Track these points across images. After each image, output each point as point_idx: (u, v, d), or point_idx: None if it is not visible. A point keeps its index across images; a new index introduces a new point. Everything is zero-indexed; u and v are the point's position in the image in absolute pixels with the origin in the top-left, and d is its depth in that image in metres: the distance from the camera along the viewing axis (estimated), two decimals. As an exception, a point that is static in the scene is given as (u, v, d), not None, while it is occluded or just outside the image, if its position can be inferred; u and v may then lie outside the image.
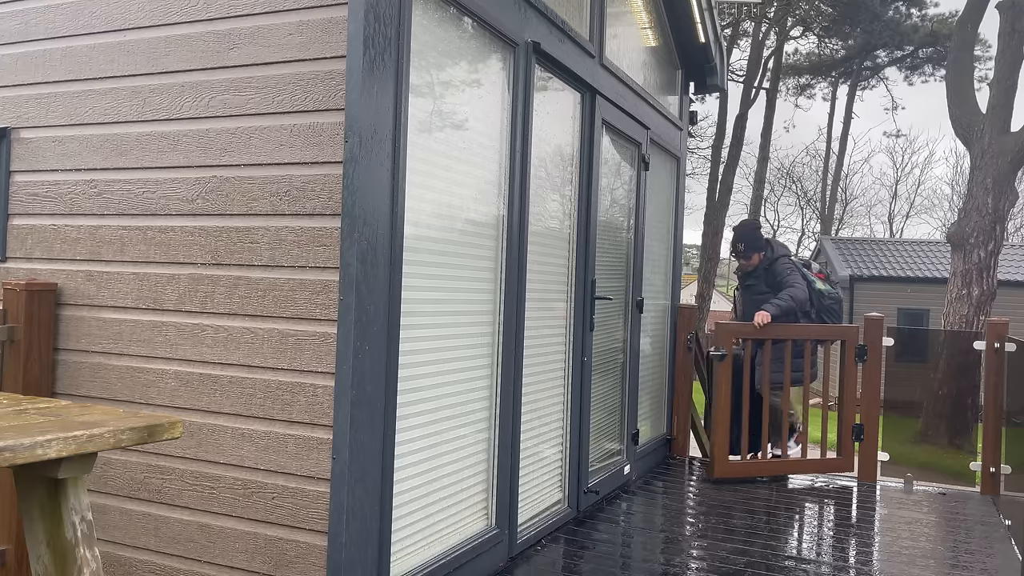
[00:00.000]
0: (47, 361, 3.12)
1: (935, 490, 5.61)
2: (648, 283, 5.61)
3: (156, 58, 3.00)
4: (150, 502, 2.97)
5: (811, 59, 27.51)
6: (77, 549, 1.77)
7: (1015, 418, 5.11)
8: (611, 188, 4.94)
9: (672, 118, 6.02)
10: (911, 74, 26.66)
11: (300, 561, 2.70)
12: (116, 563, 3.00)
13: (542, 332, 4.07)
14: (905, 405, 8.56)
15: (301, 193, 2.72)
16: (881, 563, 4.01)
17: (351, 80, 2.60)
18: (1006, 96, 11.57)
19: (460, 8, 3.21)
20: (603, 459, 4.93)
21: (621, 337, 5.19)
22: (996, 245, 11.47)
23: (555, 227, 4.22)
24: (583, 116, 4.44)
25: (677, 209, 6.33)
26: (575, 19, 4.30)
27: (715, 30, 6.16)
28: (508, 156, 3.62)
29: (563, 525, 4.30)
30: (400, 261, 2.81)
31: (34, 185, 3.24)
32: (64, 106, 3.18)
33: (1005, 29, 11.67)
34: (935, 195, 61.53)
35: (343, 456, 2.60)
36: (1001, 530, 4.64)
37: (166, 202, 2.97)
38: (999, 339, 5.44)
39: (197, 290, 2.90)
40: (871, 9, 22.36)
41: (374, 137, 2.65)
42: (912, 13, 23.59)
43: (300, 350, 2.72)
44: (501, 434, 3.61)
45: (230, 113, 2.85)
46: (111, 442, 1.74)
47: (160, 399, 2.96)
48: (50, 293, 3.13)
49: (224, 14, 2.87)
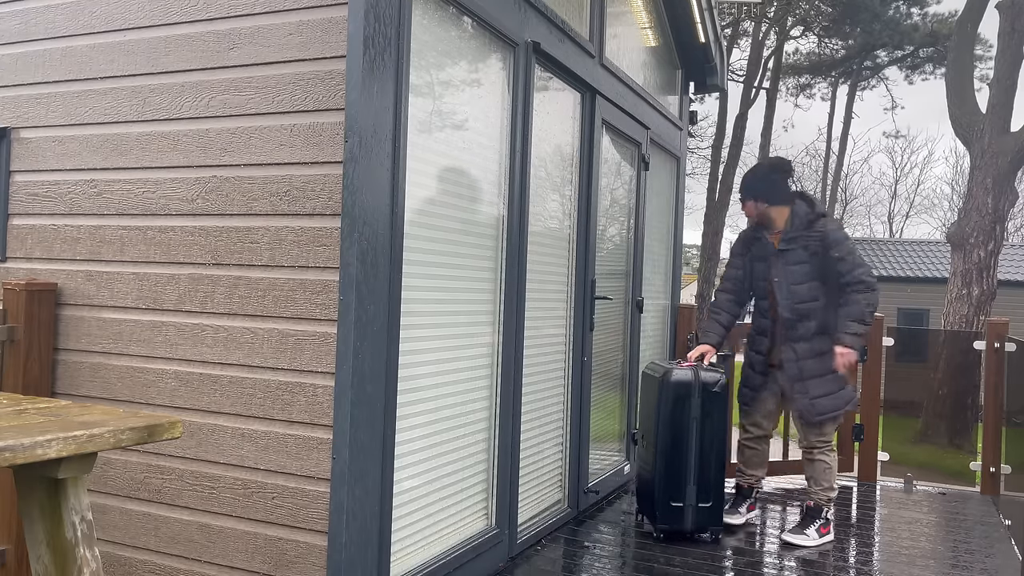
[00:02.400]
0: (47, 361, 3.12)
1: (935, 490, 5.61)
2: (648, 283, 5.61)
3: (156, 58, 3.00)
4: (150, 502, 2.97)
5: (811, 59, 27.49)
6: (77, 549, 1.77)
7: (1015, 418, 5.11)
8: (611, 188, 4.94)
9: (672, 118, 6.02)
10: (911, 74, 26.65)
11: (300, 561, 2.70)
12: (116, 563, 3.00)
13: (542, 332, 4.07)
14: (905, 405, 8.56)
15: (301, 193, 2.72)
16: (881, 563, 4.01)
17: (351, 80, 2.60)
18: (1006, 96, 11.57)
19: (460, 8, 3.21)
20: (603, 459, 4.93)
21: (621, 337, 5.19)
22: (996, 245, 11.47)
23: (555, 227, 4.22)
24: (583, 116, 4.44)
25: (677, 209, 6.33)
26: (575, 19, 4.30)
27: (715, 30, 6.16)
28: (508, 156, 3.62)
29: (563, 525, 4.30)
30: (400, 261, 2.81)
31: (34, 185, 3.24)
32: (64, 106, 3.18)
33: (1005, 29, 11.66)
34: (935, 195, 61.58)
35: (343, 456, 2.60)
36: (1001, 530, 4.64)
37: (166, 202, 2.97)
38: (999, 339, 5.44)
39: (197, 290, 2.90)
40: (871, 9, 22.35)
41: (374, 137, 2.65)
42: (912, 12, 23.58)
43: (300, 350, 2.72)
44: (501, 434, 3.61)
45: (230, 113, 2.85)
46: (111, 442, 1.74)
47: (160, 399, 2.96)
48: (50, 293, 3.13)
49: (224, 14, 2.87)
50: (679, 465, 4.09)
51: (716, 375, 4.13)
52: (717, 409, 4.11)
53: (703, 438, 4.08)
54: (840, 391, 4.16)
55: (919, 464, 6.27)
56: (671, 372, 4.13)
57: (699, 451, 4.07)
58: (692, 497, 4.08)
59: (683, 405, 4.09)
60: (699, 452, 4.07)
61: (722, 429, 4.15)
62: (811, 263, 4.13)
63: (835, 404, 4.16)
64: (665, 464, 4.10)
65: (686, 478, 4.08)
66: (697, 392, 4.09)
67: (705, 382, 4.10)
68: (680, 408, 4.09)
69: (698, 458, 4.07)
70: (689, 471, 4.08)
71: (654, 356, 5.89)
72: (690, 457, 4.08)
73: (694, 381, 4.10)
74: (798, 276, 4.16)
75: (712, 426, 4.09)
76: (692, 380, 4.10)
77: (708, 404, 4.08)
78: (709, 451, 4.09)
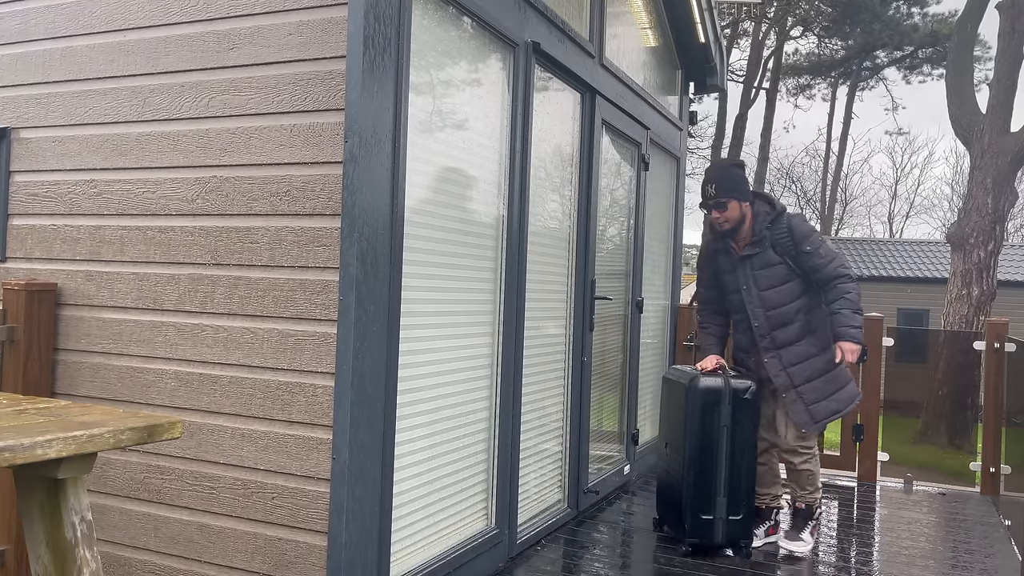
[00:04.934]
0: (47, 361, 3.12)
1: (935, 490, 5.61)
2: (648, 283, 5.61)
3: (156, 58, 3.00)
4: (150, 502, 2.97)
5: (811, 59, 27.48)
6: (77, 549, 1.77)
7: (1015, 418, 5.11)
8: (611, 188, 4.94)
9: (672, 118, 6.02)
10: (911, 74, 26.64)
11: (300, 561, 2.70)
12: (116, 563, 3.00)
13: (542, 332, 4.07)
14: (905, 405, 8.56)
15: (301, 193, 2.72)
16: (881, 563, 4.01)
17: (351, 80, 2.60)
18: (1006, 96, 11.57)
19: (460, 8, 3.21)
20: (603, 459, 4.93)
21: (621, 337, 5.19)
22: (996, 245, 11.47)
23: (555, 227, 4.22)
24: (583, 116, 4.44)
25: (677, 209, 6.34)
26: (575, 19, 4.30)
27: (715, 30, 6.16)
28: (508, 156, 3.62)
29: (563, 525, 4.29)
30: (400, 261, 2.81)
31: (34, 185, 3.24)
32: (64, 106, 3.18)
33: (1005, 29, 11.67)
34: (935, 195, 61.55)
35: (343, 456, 2.60)
36: (1001, 530, 4.64)
37: (166, 202, 2.97)
38: (999, 339, 5.44)
39: (197, 290, 2.90)
40: (871, 9, 22.34)
41: (374, 137, 2.65)
42: (912, 12, 23.57)
43: (300, 350, 2.72)
44: (501, 434, 3.61)
45: (230, 113, 2.85)
46: (111, 442, 1.74)
47: (160, 399, 2.96)
48: (50, 293, 3.12)
49: (224, 14, 2.87)
50: (709, 476, 3.92)
51: (746, 382, 3.95)
52: (747, 417, 3.93)
53: (734, 448, 3.91)
54: (838, 391, 3.95)
55: (919, 464, 6.27)
56: (699, 378, 3.96)
57: (730, 461, 3.91)
58: (723, 510, 3.91)
59: (713, 413, 3.91)
60: (730, 462, 3.91)
61: (752, 437, 3.98)
62: (784, 264, 3.91)
63: (836, 406, 3.95)
64: (695, 475, 3.94)
65: (716, 489, 3.91)
66: (728, 399, 3.90)
67: (736, 389, 3.92)
68: (710, 416, 3.91)
69: (728, 469, 3.91)
70: (719, 482, 3.91)
71: (654, 356, 5.90)
72: (720, 468, 3.91)
73: (724, 388, 3.92)
74: (770, 280, 3.93)
75: (743, 435, 3.92)
76: (722, 387, 3.92)
77: (738, 412, 3.90)
78: (740, 461, 3.92)
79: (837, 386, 3.95)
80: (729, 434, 3.90)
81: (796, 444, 4.00)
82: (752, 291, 3.97)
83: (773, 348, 3.95)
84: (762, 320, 3.96)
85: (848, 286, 3.84)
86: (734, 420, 3.91)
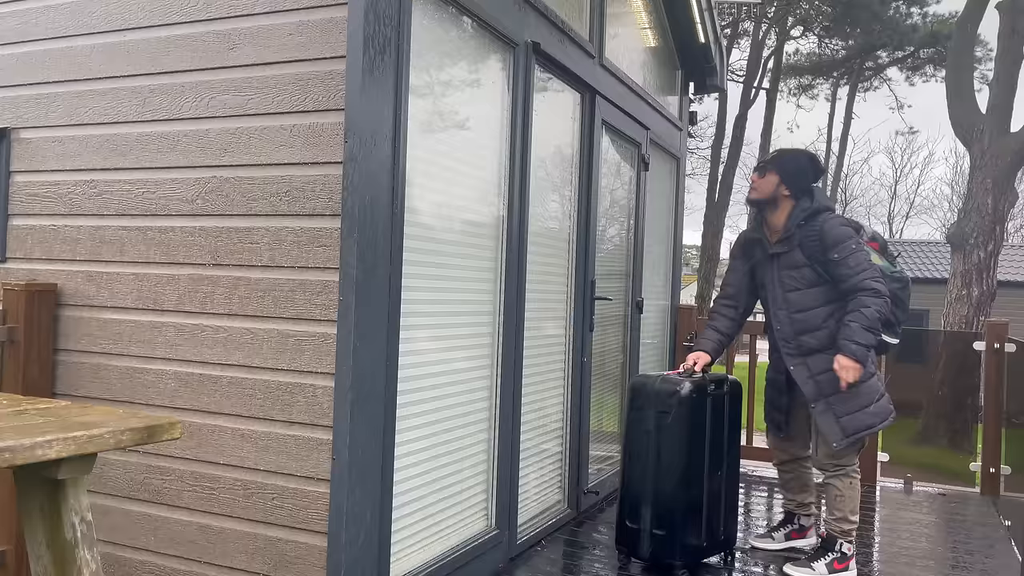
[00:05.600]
0: (47, 362, 3.12)
1: (935, 491, 5.61)
2: (648, 283, 5.61)
3: (156, 58, 3.00)
4: (150, 503, 2.97)
5: (811, 59, 27.48)
6: (77, 550, 1.77)
7: (1015, 418, 5.11)
8: (611, 188, 4.94)
9: (672, 118, 6.02)
10: (911, 74, 26.64)
11: (300, 562, 2.70)
12: (116, 563, 3.00)
13: (542, 332, 4.07)
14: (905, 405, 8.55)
15: (301, 193, 2.72)
16: (881, 564, 4.01)
17: (351, 80, 2.60)
18: (1006, 96, 11.56)
19: (460, 8, 3.21)
20: (603, 459, 4.93)
21: (621, 338, 5.19)
22: (996, 245, 11.46)
23: (555, 227, 4.22)
24: (583, 116, 4.44)
25: (677, 209, 6.33)
26: (575, 19, 4.30)
27: (715, 30, 6.16)
28: (508, 156, 3.62)
29: (563, 526, 4.30)
30: (400, 261, 2.81)
31: (34, 185, 3.24)
32: (64, 106, 3.18)
33: (1005, 29, 11.66)
34: (935, 195, 61.60)
35: (343, 456, 2.60)
36: (1001, 531, 4.64)
37: (166, 202, 2.97)
38: (999, 339, 5.45)
39: (197, 290, 2.90)
40: (871, 9, 22.34)
41: (374, 137, 2.65)
42: (912, 13, 23.57)
43: (300, 350, 2.72)
44: (501, 434, 3.61)
45: (230, 113, 2.85)
46: (111, 443, 1.74)
47: (160, 400, 2.96)
48: (50, 294, 3.12)
49: (224, 14, 2.87)
50: (635, 483, 3.62)
51: (672, 385, 3.54)
52: (678, 422, 3.50)
53: (660, 455, 3.53)
54: (870, 405, 3.58)
55: (919, 465, 6.26)
56: (635, 378, 3.74)
57: (655, 470, 3.54)
58: (647, 522, 3.57)
59: (640, 417, 3.59)
60: (655, 471, 3.54)
61: (684, 445, 3.52)
62: (811, 267, 3.64)
63: (869, 420, 3.59)
64: (622, 482, 3.70)
65: (643, 499, 3.59)
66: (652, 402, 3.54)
67: (658, 392, 3.54)
68: (638, 420, 3.61)
69: (654, 478, 3.55)
70: (646, 491, 3.57)
71: (654, 357, 5.90)
72: (646, 476, 3.56)
73: (647, 388, 3.58)
74: (795, 282, 3.67)
75: (671, 441, 3.51)
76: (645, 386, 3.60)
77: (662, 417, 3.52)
78: (667, 471, 3.52)
79: (870, 399, 3.61)
80: (654, 440, 3.55)
81: (827, 462, 3.70)
82: (777, 291, 3.73)
83: (799, 355, 3.68)
84: (785, 323, 3.72)
85: (869, 300, 3.50)
86: (657, 425, 3.54)
